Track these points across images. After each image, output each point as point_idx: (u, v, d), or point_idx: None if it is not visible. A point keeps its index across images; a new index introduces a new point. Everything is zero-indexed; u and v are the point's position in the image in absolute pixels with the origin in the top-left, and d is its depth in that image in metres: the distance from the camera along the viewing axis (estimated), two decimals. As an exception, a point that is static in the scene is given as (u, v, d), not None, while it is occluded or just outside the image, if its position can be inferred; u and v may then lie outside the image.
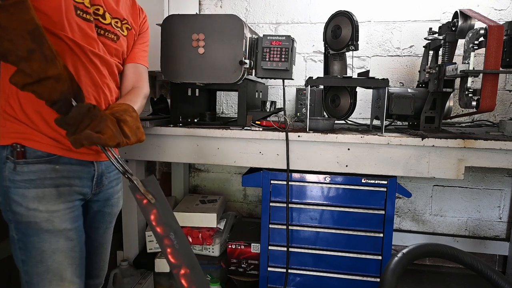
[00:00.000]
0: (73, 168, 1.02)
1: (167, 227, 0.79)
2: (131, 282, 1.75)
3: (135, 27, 1.18)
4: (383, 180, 1.52)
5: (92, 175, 1.07)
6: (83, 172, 1.04)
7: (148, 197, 0.84)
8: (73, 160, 1.02)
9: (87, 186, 1.07)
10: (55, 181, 0.98)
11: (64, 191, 1.00)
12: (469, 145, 1.37)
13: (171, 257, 0.76)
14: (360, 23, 1.74)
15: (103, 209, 1.16)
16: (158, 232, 0.79)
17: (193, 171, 2.51)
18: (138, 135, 0.99)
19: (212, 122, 1.70)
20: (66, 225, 0.99)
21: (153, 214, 0.80)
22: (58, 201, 0.98)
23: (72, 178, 1.01)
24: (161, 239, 0.78)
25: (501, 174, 2.14)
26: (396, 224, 2.29)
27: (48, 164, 0.97)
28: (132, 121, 0.99)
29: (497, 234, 2.20)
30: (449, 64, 1.45)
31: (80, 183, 1.04)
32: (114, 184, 1.18)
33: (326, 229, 1.59)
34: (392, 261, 0.82)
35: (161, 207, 0.82)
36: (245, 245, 1.84)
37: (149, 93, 1.24)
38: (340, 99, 1.68)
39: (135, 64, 1.21)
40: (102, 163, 1.11)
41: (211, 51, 1.48)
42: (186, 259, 0.77)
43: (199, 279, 0.76)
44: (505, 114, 2.11)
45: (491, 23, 1.26)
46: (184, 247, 0.79)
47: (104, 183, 1.13)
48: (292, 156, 1.52)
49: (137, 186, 0.85)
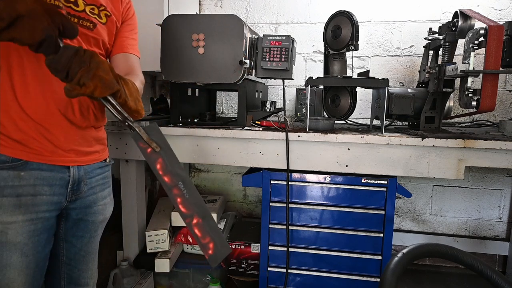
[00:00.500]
0: (43, 175, 0.91)
1: (175, 176, 0.75)
2: (131, 282, 1.75)
3: (116, 13, 1.08)
4: (383, 180, 1.52)
5: (66, 181, 0.96)
6: (54, 178, 0.94)
7: (152, 145, 0.78)
8: (43, 166, 0.91)
9: (60, 194, 0.96)
10: (17, 190, 0.88)
11: (27, 201, 0.89)
12: (469, 145, 1.37)
13: (182, 207, 0.73)
14: (360, 23, 1.74)
15: (85, 217, 1.05)
16: (166, 182, 0.75)
17: (193, 171, 2.51)
18: (138, 105, 0.93)
19: (212, 122, 1.70)
20: (22, 238, 0.89)
21: (159, 163, 0.76)
22: (16, 212, 0.88)
23: (40, 186, 0.91)
24: (170, 189, 0.75)
25: (501, 174, 2.14)
26: (396, 224, 2.29)
27: (12, 171, 0.87)
28: (133, 86, 0.93)
29: (497, 234, 2.20)
30: (449, 64, 1.45)
31: (50, 191, 0.93)
32: (97, 190, 1.07)
33: (326, 229, 1.58)
34: (392, 261, 0.82)
35: (166, 156, 0.77)
36: (245, 245, 1.84)
37: (144, 81, 1.16)
38: (340, 99, 1.68)
39: (125, 54, 1.12)
40: (81, 167, 1.00)
41: (211, 51, 1.48)
42: (197, 208, 0.74)
43: (212, 228, 0.73)
44: (505, 114, 2.11)
45: (491, 23, 1.26)
46: (193, 196, 0.76)
47: (83, 190, 1.02)
48: (292, 156, 1.52)
49: (139, 134, 0.79)
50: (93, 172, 1.05)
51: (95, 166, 1.06)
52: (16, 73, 0.87)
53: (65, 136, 0.95)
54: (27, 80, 0.88)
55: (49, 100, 0.91)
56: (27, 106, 0.88)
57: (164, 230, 1.83)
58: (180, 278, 1.90)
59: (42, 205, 0.92)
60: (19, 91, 0.87)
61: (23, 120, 0.88)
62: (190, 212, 0.72)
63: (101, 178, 1.09)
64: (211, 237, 0.70)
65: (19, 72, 0.87)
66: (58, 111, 0.93)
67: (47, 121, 0.91)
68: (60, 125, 0.94)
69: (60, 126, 0.94)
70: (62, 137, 0.94)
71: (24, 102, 0.88)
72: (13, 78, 0.87)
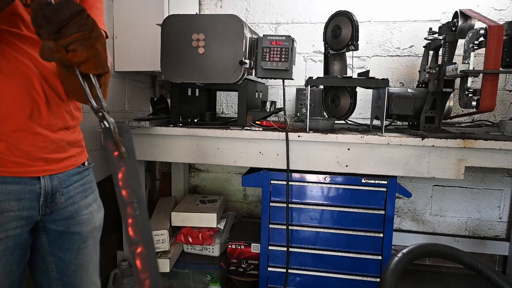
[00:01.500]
0: (8, 189, 0.79)
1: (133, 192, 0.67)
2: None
3: None
4: (383, 180, 1.52)
5: (37, 194, 0.84)
6: (22, 192, 0.82)
7: (121, 149, 0.67)
8: (8, 178, 0.79)
9: (31, 208, 0.84)
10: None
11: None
12: (469, 145, 1.37)
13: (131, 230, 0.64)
14: (360, 23, 1.74)
15: (68, 229, 0.93)
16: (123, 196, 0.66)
17: (193, 171, 2.51)
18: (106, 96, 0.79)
19: (212, 122, 1.70)
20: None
21: (121, 173, 0.66)
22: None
23: (5, 201, 0.79)
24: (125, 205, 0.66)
25: (501, 174, 2.14)
26: (396, 224, 2.29)
27: None
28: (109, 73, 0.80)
29: (497, 234, 2.20)
30: (449, 64, 1.45)
31: (18, 206, 0.81)
32: (78, 199, 0.94)
33: (326, 229, 1.58)
34: (392, 261, 0.81)
35: (130, 166, 0.68)
36: (245, 245, 1.84)
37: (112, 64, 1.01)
38: (340, 99, 1.68)
39: None
40: (54, 177, 0.87)
41: (211, 51, 1.48)
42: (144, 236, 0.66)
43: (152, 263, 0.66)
44: (505, 114, 2.11)
45: (491, 23, 1.26)
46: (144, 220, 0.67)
47: (59, 201, 0.89)
48: (292, 156, 1.52)
49: (111, 131, 0.67)
50: (69, 180, 0.91)
51: (71, 172, 0.92)
52: None
53: (33, 144, 0.81)
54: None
55: (9, 103, 0.77)
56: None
57: (164, 230, 1.83)
58: (180, 278, 1.90)
59: (10, 222, 0.81)
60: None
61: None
62: (138, 239, 0.64)
63: (81, 185, 0.95)
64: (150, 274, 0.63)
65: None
66: (21, 115, 0.78)
67: (9, 128, 0.78)
68: (25, 131, 0.80)
69: (26, 132, 0.80)
70: (29, 145, 0.81)
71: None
72: None
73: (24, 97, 0.78)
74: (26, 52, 0.78)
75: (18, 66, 0.77)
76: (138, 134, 1.60)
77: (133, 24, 1.82)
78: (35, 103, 0.80)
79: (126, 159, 0.68)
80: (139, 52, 1.79)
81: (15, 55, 0.77)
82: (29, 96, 0.79)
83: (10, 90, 0.77)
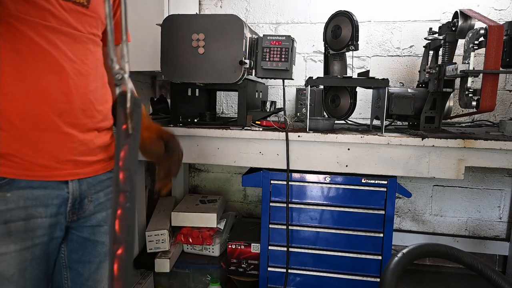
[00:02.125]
0: (35, 194, 0.75)
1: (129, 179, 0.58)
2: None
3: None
4: (383, 180, 1.52)
5: (64, 199, 0.79)
6: (49, 197, 0.77)
7: (130, 123, 0.59)
8: (35, 183, 0.74)
9: (58, 214, 0.79)
10: (4, 216, 0.71)
11: (18, 228, 0.73)
12: (469, 145, 1.37)
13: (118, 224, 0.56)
14: (360, 23, 1.74)
15: (93, 237, 0.87)
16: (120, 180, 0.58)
17: (193, 171, 2.51)
18: None
19: (212, 122, 1.70)
20: (15, 271, 0.74)
21: (124, 151, 0.59)
22: (6, 242, 0.72)
23: (32, 207, 0.74)
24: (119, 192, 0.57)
25: (501, 174, 2.14)
26: (396, 224, 2.29)
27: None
28: None
29: (497, 234, 2.20)
30: (449, 64, 1.45)
31: (45, 213, 0.77)
32: (109, 206, 0.89)
33: (326, 229, 1.58)
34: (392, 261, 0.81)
35: (132, 147, 0.61)
36: (245, 245, 1.84)
37: None
38: (340, 99, 1.68)
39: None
40: (83, 181, 0.82)
41: (211, 51, 1.48)
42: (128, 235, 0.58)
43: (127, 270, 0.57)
44: (505, 114, 2.10)
45: (491, 23, 1.26)
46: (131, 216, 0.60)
47: (87, 208, 0.85)
48: (292, 156, 1.52)
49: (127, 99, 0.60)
50: (100, 185, 0.87)
51: (101, 177, 0.88)
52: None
53: (61, 144, 0.77)
54: (6, 78, 0.70)
55: (37, 100, 0.73)
56: (9, 111, 0.70)
57: (164, 230, 1.83)
58: (180, 278, 1.90)
59: (37, 229, 0.76)
60: (1, 92, 0.71)
61: (4, 130, 0.71)
62: (122, 237, 0.55)
63: (112, 192, 0.87)
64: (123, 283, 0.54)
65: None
66: (50, 113, 0.74)
67: (36, 127, 0.73)
68: (53, 130, 0.75)
69: (54, 132, 0.75)
70: (57, 145, 0.76)
71: (5, 106, 0.70)
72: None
73: (55, 93, 0.74)
74: (57, 46, 0.74)
75: (48, 60, 0.73)
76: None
77: (133, 24, 1.81)
78: (66, 101, 0.76)
79: (131, 137, 0.61)
80: (139, 52, 1.79)
81: (47, 49, 0.73)
82: (60, 92, 0.75)
83: (40, 86, 0.72)
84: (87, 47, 0.81)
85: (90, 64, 0.81)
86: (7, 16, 0.67)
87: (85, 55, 0.80)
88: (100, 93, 0.85)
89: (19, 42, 0.69)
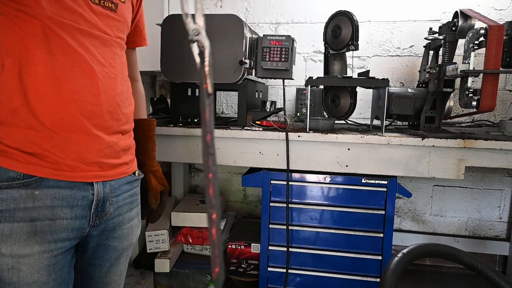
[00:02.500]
0: (61, 194, 0.74)
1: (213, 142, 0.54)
2: (131, 282, 1.75)
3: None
4: (383, 180, 1.52)
5: (89, 201, 0.79)
6: (75, 198, 0.76)
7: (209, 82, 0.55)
8: (62, 183, 0.74)
9: (82, 217, 0.78)
10: (31, 213, 0.71)
11: (44, 227, 0.72)
12: (469, 145, 1.37)
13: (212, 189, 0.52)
14: (360, 23, 1.74)
15: (105, 241, 0.87)
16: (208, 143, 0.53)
17: (193, 171, 2.51)
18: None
19: (212, 122, 1.70)
20: (39, 276, 0.71)
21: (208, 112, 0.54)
22: (31, 242, 0.70)
23: (58, 207, 0.74)
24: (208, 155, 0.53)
25: (501, 174, 2.14)
26: (396, 224, 2.29)
27: (24, 189, 0.70)
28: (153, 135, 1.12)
29: (497, 234, 2.20)
30: (449, 64, 1.44)
31: (71, 214, 0.76)
32: (124, 211, 0.89)
33: (326, 229, 1.58)
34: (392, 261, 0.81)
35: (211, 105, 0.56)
36: (245, 245, 1.84)
37: None
38: (340, 99, 1.68)
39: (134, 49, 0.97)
40: (106, 183, 0.82)
41: (211, 51, 1.48)
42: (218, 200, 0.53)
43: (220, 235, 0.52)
44: (505, 114, 2.10)
45: (491, 23, 1.26)
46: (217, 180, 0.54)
47: (108, 211, 0.84)
48: (292, 156, 1.51)
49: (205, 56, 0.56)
50: (120, 189, 0.86)
51: (122, 181, 0.87)
52: (26, 70, 0.69)
53: (88, 146, 0.77)
54: (39, 78, 0.70)
55: (68, 101, 0.73)
56: (40, 111, 0.71)
57: (164, 230, 1.83)
58: (180, 278, 1.90)
59: (61, 231, 0.75)
60: (31, 93, 0.70)
61: (35, 129, 0.71)
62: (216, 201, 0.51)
63: (129, 196, 0.90)
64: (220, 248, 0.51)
65: (30, 69, 0.70)
66: (79, 114, 0.75)
67: (66, 128, 0.74)
68: (82, 132, 0.76)
69: (82, 134, 0.76)
70: (85, 147, 0.77)
71: (37, 107, 0.71)
72: (23, 77, 0.69)
73: (85, 96, 0.74)
74: (88, 49, 0.75)
75: (80, 62, 0.74)
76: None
77: (133, 24, 1.82)
78: (94, 103, 0.76)
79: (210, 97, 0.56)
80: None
81: (78, 51, 0.74)
82: (90, 95, 0.76)
83: (71, 87, 0.73)
84: (115, 51, 0.82)
85: (117, 67, 0.83)
86: (43, 17, 0.68)
87: (113, 58, 0.82)
88: (125, 96, 0.86)
89: (53, 43, 0.70)
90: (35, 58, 0.70)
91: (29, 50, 0.69)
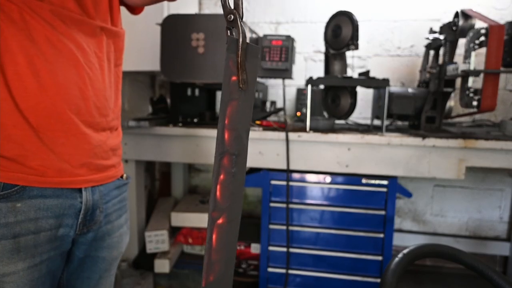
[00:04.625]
0: (47, 204, 0.66)
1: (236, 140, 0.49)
2: (130, 283, 1.75)
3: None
4: (383, 180, 1.51)
5: (77, 209, 0.71)
6: (62, 207, 0.69)
7: (241, 75, 0.48)
8: (47, 191, 0.66)
9: (67, 226, 0.71)
10: (13, 229, 0.63)
11: (27, 242, 0.65)
12: (470, 145, 1.37)
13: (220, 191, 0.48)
14: (361, 22, 1.73)
15: (94, 253, 0.78)
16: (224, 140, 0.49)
17: (193, 171, 2.51)
18: None
19: (212, 122, 1.70)
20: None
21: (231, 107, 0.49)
22: (14, 259, 0.64)
23: (43, 219, 0.66)
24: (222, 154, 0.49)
25: (502, 174, 2.13)
26: (397, 225, 2.29)
27: (4, 203, 0.62)
28: None
29: (498, 234, 2.19)
30: (450, 63, 1.44)
31: (56, 224, 0.68)
32: (114, 218, 0.81)
33: (326, 229, 1.58)
34: (393, 261, 0.81)
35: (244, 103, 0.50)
36: (245, 246, 1.83)
37: None
38: (340, 99, 1.68)
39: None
40: (95, 189, 0.74)
41: (211, 51, 1.48)
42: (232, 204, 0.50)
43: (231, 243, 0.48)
44: (506, 114, 2.10)
45: (492, 22, 1.26)
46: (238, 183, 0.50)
47: (98, 219, 0.76)
48: (292, 156, 1.51)
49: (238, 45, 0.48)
50: (109, 195, 0.79)
51: (111, 186, 0.80)
52: (4, 60, 0.61)
53: (77, 145, 0.69)
54: (20, 69, 0.62)
55: (53, 96, 0.65)
56: (22, 107, 0.62)
57: (164, 230, 1.83)
58: (179, 279, 1.90)
59: (46, 243, 0.68)
60: (14, 86, 0.61)
61: (18, 128, 0.63)
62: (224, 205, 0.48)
63: (118, 202, 0.83)
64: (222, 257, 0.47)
65: (8, 58, 0.61)
66: (68, 110, 0.66)
67: (52, 127, 0.66)
68: (70, 130, 0.68)
69: (70, 132, 0.68)
70: (73, 147, 0.68)
71: (21, 102, 0.62)
72: (4, 67, 0.61)
73: (71, 88, 0.66)
74: (70, 34, 0.66)
75: (64, 51, 0.65)
76: (137, 134, 1.59)
77: (133, 23, 1.81)
78: (81, 97, 0.68)
79: (243, 92, 0.50)
80: (138, 51, 1.79)
81: (63, 40, 0.65)
82: (76, 87, 0.67)
83: (57, 80, 0.65)
84: (101, 38, 0.73)
85: (103, 57, 0.74)
86: (20, 2, 0.61)
87: (100, 47, 0.73)
88: (113, 90, 0.78)
89: (33, 30, 0.62)
90: (13, 47, 0.61)
91: (7, 38, 0.60)
